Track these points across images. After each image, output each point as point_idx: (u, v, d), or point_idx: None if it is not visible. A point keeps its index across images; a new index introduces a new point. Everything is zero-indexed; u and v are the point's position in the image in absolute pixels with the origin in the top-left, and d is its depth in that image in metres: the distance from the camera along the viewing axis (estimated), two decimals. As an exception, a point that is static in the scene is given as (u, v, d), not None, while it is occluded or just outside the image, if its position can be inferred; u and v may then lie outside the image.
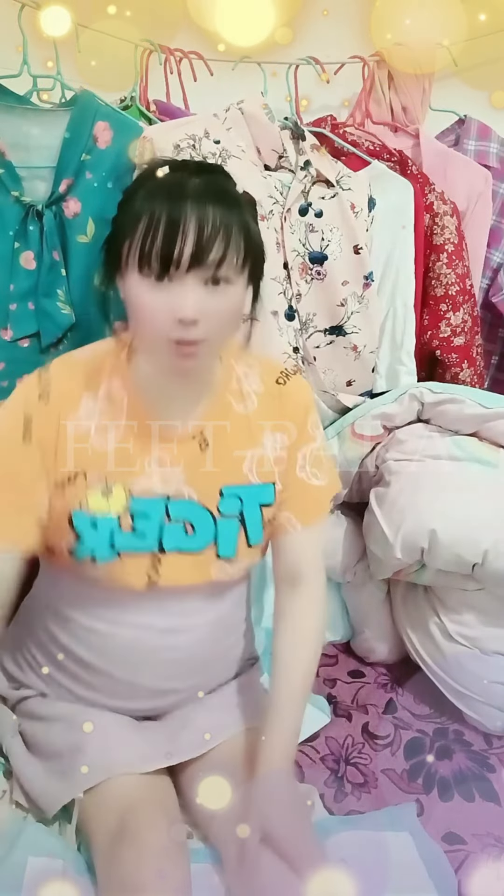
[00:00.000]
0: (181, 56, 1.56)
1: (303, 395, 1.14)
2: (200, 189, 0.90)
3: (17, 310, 1.37)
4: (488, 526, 1.32)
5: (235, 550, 1.07)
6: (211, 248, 0.90)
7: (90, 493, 1.01)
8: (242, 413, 1.09)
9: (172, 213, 0.88)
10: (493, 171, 1.73)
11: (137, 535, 1.02)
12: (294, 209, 1.45)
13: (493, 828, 1.17)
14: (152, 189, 0.91)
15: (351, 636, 1.63)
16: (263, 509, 1.08)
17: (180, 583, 1.06)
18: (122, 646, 1.07)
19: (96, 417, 1.02)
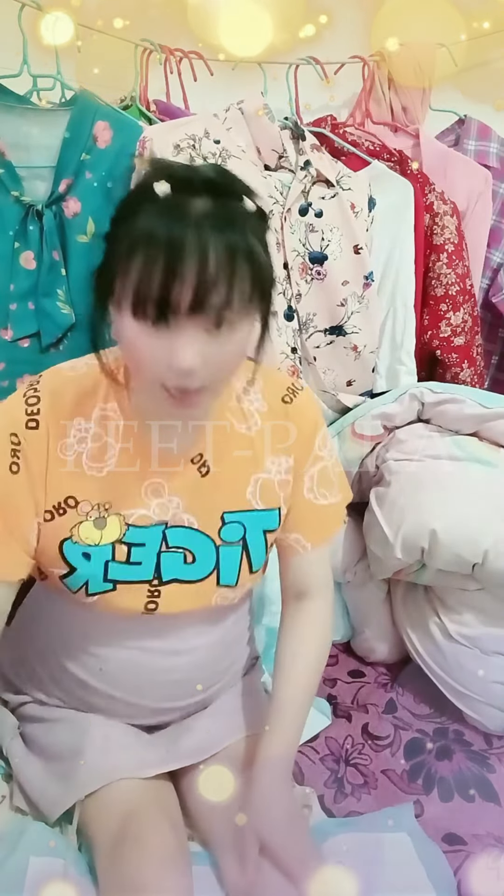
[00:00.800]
0: (181, 56, 1.56)
1: (310, 414, 1.07)
2: (203, 221, 0.77)
3: (17, 310, 1.37)
4: (488, 526, 1.32)
5: (237, 578, 1.02)
6: (213, 295, 0.79)
7: (83, 524, 0.96)
8: (245, 435, 1.02)
9: (171, 255, 0.76)
10: (493, 171, 1.73)
11: (133, 565, 0.97)
12: (294, 209, 1.45)
13: (493, 828, 1.17)
14: (150, 219, 0.78)
15: (351, 636, 1.63)
16: (267, 535, 1.04)
17: (179, 610, 1.02)
18: (121, 668, 1.05)
19: (89, 442, 0.96)
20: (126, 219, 0.80)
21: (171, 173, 0.79)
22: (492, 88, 1.75)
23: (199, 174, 0.79)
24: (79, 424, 0.95)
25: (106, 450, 0.96)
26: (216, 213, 0.78)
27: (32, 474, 0.94)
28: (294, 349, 1.46)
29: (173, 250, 0.76)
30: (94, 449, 0.96)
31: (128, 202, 0.83)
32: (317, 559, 1.11)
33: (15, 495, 0.94)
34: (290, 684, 1.07)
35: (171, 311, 0.79)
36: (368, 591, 1.57)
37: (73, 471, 0.95)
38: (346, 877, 0.96)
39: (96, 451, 0.96)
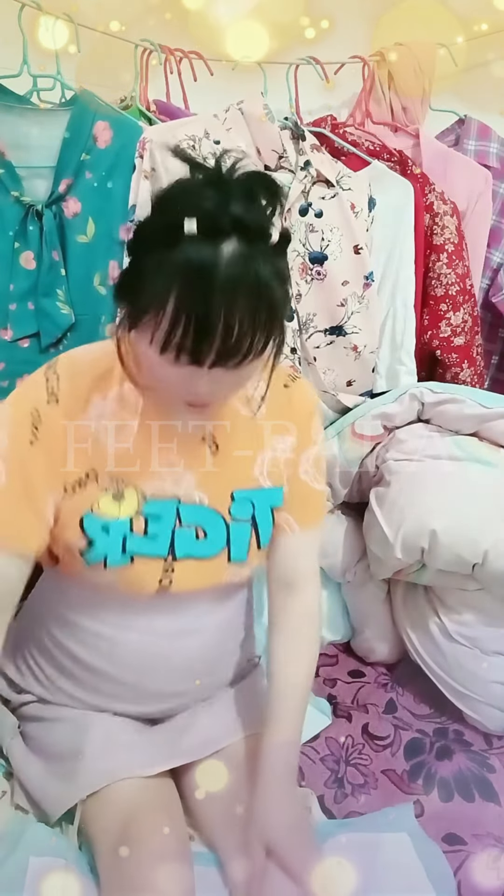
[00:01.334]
0: (181, 56, 1.56)
1: (308, 398, 1.13)
2: (233, 281, 0.80)
3: (17, 310, 1.37)
4: (488, 526, 1.32)
5: (247, 554, 1.05)
6: (238, 350, 0.83)
7: (102, 496, 0.99)
8: (250, 417, 1.06)
9: (201, 320, 0.80)
10: (493, 171, 1.73)
11: (150, 538, 1.00)
12: (294, 209, 1.45)
13: (493, 828, 1.17)
14: (181, 268, 0.80)
15: (351, 636, 1.63)
16: (275, 512, 1.07)
17: (192, 587, 1.04)
18: (130, 650, 1.06)
19: (107, 418, 0.99)
20: (156, 249, 0.82)
21: (201, 207, 0.80)
22: (492, 89, 1.74)
23: (228, 213, 0.80)
24: (97, 402, 0.99)
25: (123, 426, 1.00)
26: (244, 271, 0.80)
27: (51, 449, 0.97)
28: (293, 349, 1.46)
29: (204, 316, 0.80)
30: (112, 426, 1.00)
31: (155, 226, 0.84)
32: (304, 545, 1.13)
33: (31, 467, 0.96)
34: (287, 685, 1.09)
35: (197, 364, 0.84)
36: (368, 591, 1.57)
37: (92, 446, 0.99)
38: (347, 875, 0.96)
39: (114, 428, 1.00)
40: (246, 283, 0.81)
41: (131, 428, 1.00)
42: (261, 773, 1.02)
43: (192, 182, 0.84)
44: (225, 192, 0.81)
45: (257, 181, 0.83)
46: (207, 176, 0.83)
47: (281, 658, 1.10)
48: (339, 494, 1.56)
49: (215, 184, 0.81)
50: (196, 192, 0.81)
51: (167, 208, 0.83)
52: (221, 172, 0.82)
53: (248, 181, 0.82)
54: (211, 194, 0.81)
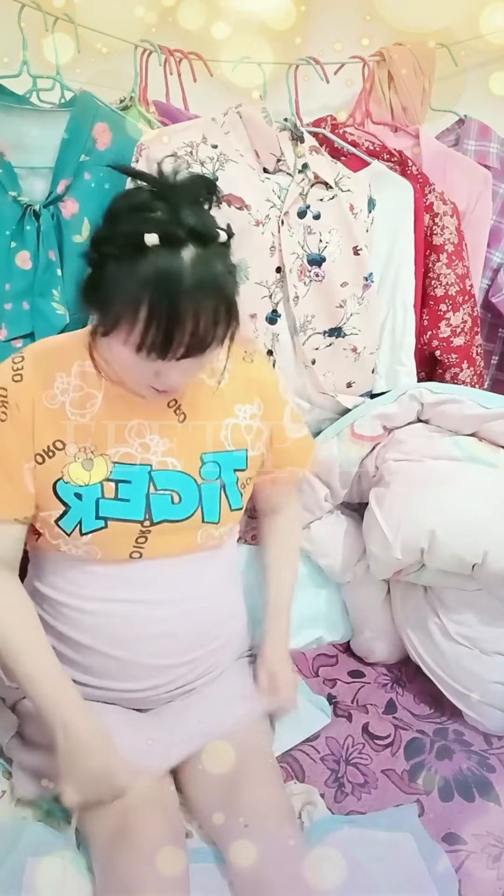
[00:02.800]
0: (181, 57, 1.56)
1: (268, 368, 1.30)
2: (196, 284, 0.91)
3: (12, 309, 1.37)
4: (488, 526, 1.32)
5: (219, 515, 1.15)
6: (203, 344, 0.96)
7: (71, 465, 1.07)
8: (215, 387, 1.17)
9: (170, 320, 0.91)
10: (493, 171, 1.73)
11: (123, 502, 1.07)
12: (292, 212, 1.44)
13: (493, 828, 1.17)
14: (146, 276, 0.90)
15: (351, 636, 1.63)
16: (238, 473, 1.17)
17: (167, 552, 1.11)
18: (114, 623, 1.11)
19: (71, 392, 1.08)
20: (120, 260, 0.92)
21: (157, 220, 0.91)
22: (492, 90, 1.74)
23: (182, 224, 0.91)
24: (61, 378, 1.08)
25: (88, 398, 1.09)
26: (204, 272, 0.92)
27: (19, 423, 1.06)
28: (270, 352, 1.46)
29: (175, 318, 0.91)
30: (77, 398, 1.08)
31: (115, 239, 0.93)
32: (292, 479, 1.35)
33: (8, 443, 1.06)
34: (280, 589, 1.31)
35: (167, 358, 0.95)
36: (368, 591, 1.57)
37: (59, 417, 1.07)
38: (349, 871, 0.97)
39: (79, 400, 1.08)
40: (207, 284, 0.93)
41: (96, 399, 1.09)
42: (267, 656, 1.24)
43: (142, 194, 0.94)
44: (174, 202, 0.92)
45: (199, 185, 0.96)
46: (156, 187, 0.94)
47: (273, 567, 1.33)
48: (339, 494, 1.56)
49: (164, 195, 0.93)
50: (148, 205, 0.92)
51: (123, 221, 0.93)
52: (167, 182, 0.94)
53: (192, 187, 0.95)
54: (162, 206, 0.92)
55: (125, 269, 0.91)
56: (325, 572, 1.59)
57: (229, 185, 1.36)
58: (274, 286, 1.44)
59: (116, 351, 0.98)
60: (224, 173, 1.36)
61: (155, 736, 1.11)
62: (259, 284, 1.42)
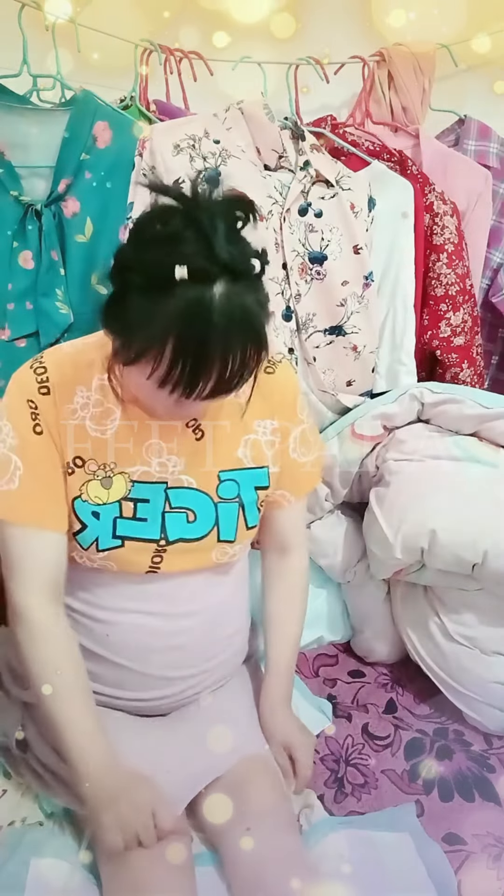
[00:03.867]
0: (181, 56, 1.56)
1: (290, 381, 1.18)
2: (228, 319, 0.84)
3: (15, 309, 1.37)
4: (488, 526, 1.32)
5: (235, 534, 1.11)
6: (233, 386, 0.90)
7: (90, 482, 1.04)
8: (234, 402, 1.10)
9: (198, 358, 0.85)
10: (493, 171, 1.73)
11: (140, 522, 1.05)
12: (294, 209, 1.45)
13: (493, 828, 1.17)
14: (175, 312, 0.83)
15: (351, 636, 1.63)
16: (259, 492, 1.13)
17: (182, 568, 1.09)
18: (126, 633, 1.09)
19: (91, 408, 1.04)
20: (146, 290, 0.84)
21: (188, 254, 0.82)
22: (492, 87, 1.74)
23: (215, 259, 0.82)
24: (81, 392, 1.04)
25: (108, 414, 1.05)
26: (234, 308, 0.84)
27: (52, 435, 1.03)
28: (291, 349, 1.45)
29: (202, 357, 0.85)
30: (97, 413, 1.04)
31: (142, 265, 0.85)
32: (297, 513, 1.26)
33: (47, 454, 1.03)
34: (284, 637, 1.23)
35: (192, 398, 0.89)
36: (368, 591, 1.57)
37: (79, 433, 1.04)
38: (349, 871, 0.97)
39: (98, 415, 1.05)
40: (237, 321, 0.85)
41: (115, 415, 1.05)
42: (266, 709, 1.19)
43: (172, 219, 0.84)
44: (207, 231, 0.82)
45: (234, 206, 0.85)
46: (188, 210, 0.84)
47: (276, 613, 1.24)
48: (339, 494, 1.56)
49: (197, 221, 0.83)
50: (178, 235, 0.83)
51: (152, 249, 0.84)
52: (201, 205, 0.84)
53: (226, 210, 0.84)
54: (193, 236, 0.82)
55: (151, 302, 0.84)
56: (325, 572, 1.59)
57: (231, 180, 1.36)
58: (283, 283, 1.44)
59: (136, 380, 0.93)
60: (226, 169, 1.36)
61: (171, 768, 1.08)
62: (272, 280, 1.42)
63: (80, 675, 1.04)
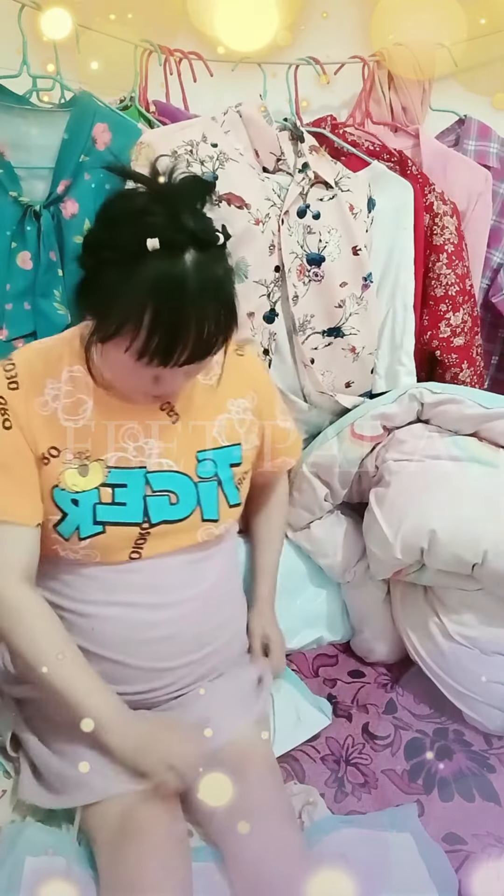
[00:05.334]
0: (181, 57, 1.56)
1: (259, 362, 1.30)
2: (200, 290, 0.91)
3: (13, 310, 1.37)
4: (488, 526, 1.32)
5: (218, 512, 1.15)
6: (209, 350, 0.96)
7: (67, 471, 1.06)
8: (207, 384, 1.17)
9: (176, 325, 0.91)
10: (493, 171, 1.73)
11: (119, 506, 1.07)
12: (292, 211, 1.45)
13: (493, 828, 1.17)
14: (150, 282, 0.89)
15: (351, 636, 1.63)
16: (233, 469, 1.17)
17: (165, 549, 1.11)
18: (110, 626, 1.10)
19: (62, 399, 1.07)
20: (119, 265, 0.91)
21: (157, 225, 0.89)
22: (492, 90, 1.74)
23: (183, 228, 0.90)
24: (51, 384, 1.07)
25: (80, 404, 1.08)
26: (206, 276, 0.92)
27: (22, 428, 1.05)
28: (266, 351, 1.46)
29: (179, 324, 0.91)
30: (68, 404, 1.07)
31: (112, 242, 0.92)
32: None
33: (16, 448, 1.05)
34: (269, 550, 1.39)
35: (170, 365, 0.95)
36: (368, 591, 1.57)
37: (51, 424, 1.06)
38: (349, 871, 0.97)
39: (70, 406, 1.07)
40: (210, 289, 0.92)
41: (87, 404, 1.08)
42: (256, 608, 1.33)
43: (139, 197, 0.92)
44: (173, 206, 0.91)
45: (196, 187, 0.94)
46: (153, 190, 0.93)
47: (260, 524, 1.41)
48: (339, 494, 1.56)
49: (162, 198, 0.91)
50: (147, 209, 0.91)
51: (122, 226, 0.91)
52: (165, 185, 0.93)
53: (189, 189, 0.93)
54: (161, 210, 0.90)
55: (125, 276, 0.90)
56: (325, 572, 1.59)
57: (229, 183, 1.36)
58: (273, 285, 1.44)
59: (113, 357, 0.98)
60: (224, 172, 1.36)
61: None
62: (258, 283, 1.41)
63: (68, 641, 1.05)
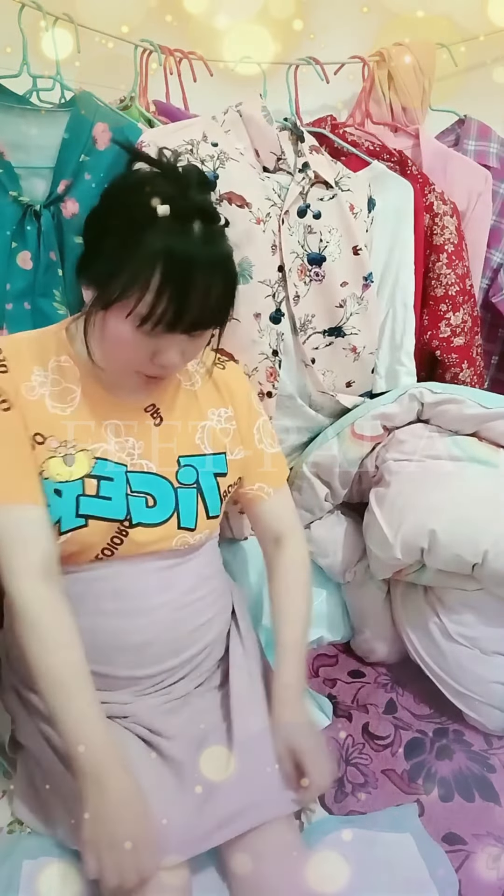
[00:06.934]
0: (181, 56, 1.56)
1: (241, 376, 1.27)
2: (208, 254, 0.94)
3: (14, 309, 1.36)
4: (488, 526, 1.32)
5: (195, 522, 1.11)
6: (213, 319, 0.99)
7: (52, 459, 1.04)
8: (189, 390, 1.18)
9: (183, 291, 0.92)
10: (493, 171, 1.73)
11: (103, 499, 1.04)
12: (292, 211, 1.44)
13: (493, 828, 1.17)
14: (159, 246, 0.91)
15: (351, 636, 1.63)
16: (218, 479, 1.14)
17: (138, 551, 1.07)
18: (85, 636, 1.01)
19: (48, 386, 1.06)
20: (127, 233, 0.92)
21: (167, 194, 0.92)
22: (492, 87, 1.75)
23: (190, 200, 0.94)
24: (38, 371, 1.06)
25: (68, 392, 1.07)
26: (213, 247, 0.95)
27: (19, 408, 1.03)
28: (275, 352, 1.45)
29: (187, 288, 0.92)
30: (55, 392, 1.06)
31: (120, 212, 0.95)
32: (281, 501, 1.26)
33: (15, 430, 1.03)
34: (290, 624, 1.17)
35: (174, 330, 0.95)
36: (368, 591, 1.57)
37: (38, 410, 1.04)
38: (350, 871, 0.97)
39: (57, 394, 1.06)
40: (217, 258, 0.96)
41: (75, 394, 1.07)
42: (278, 700, 1.10)
43: (145, 174, 0.96)
44: (180, 181, 0.95)
45: (201, 174, 0.98)
46: (160, 168, 0.97)
47: (283, 603, 1.19)
48: (339, 494, 1.56)
49: (171, 174, 0.96)
50: (154, 182, 0.94)
51: (131, 194, 0.94)
52: (172, 165, 0.97)
53: (195, 172, 0.97)
54: (168, 183, 0.94)
55: (134, 239, 0.91)
56: (325, 572, 1.59)
57: (230, 183, 1.36)
58: (276, 285, 1.44)
59: (112, 327, 0.96)
60: (225, 171, 1.36)
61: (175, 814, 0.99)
62: (262, 283, 1.41)
63: (77, 655, 0.98)
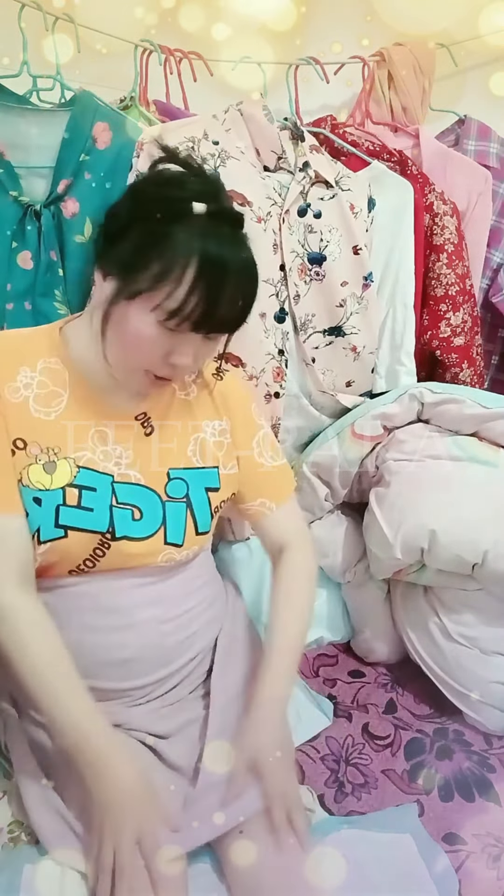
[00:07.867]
0: (181, 56, 1.56)
1: (240, 386, 1.21)
2: (242, 256, 0.94)
3: (14, 309, 1.36)
4: (488, 526, 1.32)
5: (183, 537, 1.07)
6: (237, 319, 0.97)
7: (32, 466, 1.00)
8: (185, 400, 1.13)
9: (215, 292, 0.91)
10: (493, 171, 1.73)
11: (85, 510, 1.00)
12: (293, 210, 1.45)
13: (493, 828, 1.17)
14: (196, 242, 0.90)
15: (351, 636, 1.63)
16: (210, 494, 1.10)
17: (122, 565, 1.04)
18: (72, 652, 1.00)
19: (34, 389, 1.02)
20: (162, 221, 0.91)
21: (201, 192, 0.93)
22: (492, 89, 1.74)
23: (221, 202, 0.95)
24: (24, 372, 1.02)
25: (54, 396, 1.03)
26: (243, 250, 0.96)
27: None
28: (281, 351, 1.45)
29: (220, 287, 0.91)
30: (42, 395, 1.02)
31: (149, 207, 0.93)
32: (286, 515, 1.21)
33: None
34: (283, 633, 1.13)
35: (198, 330, 0.94)
36: (368, 591, 1.57)
37: (21, 413, 1.00)
38: (349, 871, 0.97)
39: (44, 397, 1.02)
40: (247, 263, 0.95)
41: (62, 398, 1.03)
42: (255, 708, 1.05)
43: (176, 173, 0.96)
44: (211, 185, 0.96)
45: (221, 181, 1.00)
46: (192, 170, 0.97)
47: (279, 610, 1.15)
48: (339, 494, 1.56)
49: (201, 177, 0.96)
50: (187, 182, 0.94)
51: (164, 187, 0.94)
52: (201, 168, 0.98)
53: (220, 179, 0.99)
54: (200, 184, 0.94)
55: (169, 229, 0.90)
56: (325, 572, 1.59)
57: (231, 181, 1.35)
58: (279, 284, 1.44)
59: (134, 319, 0.93)
60: (225, 170, 1.36)
61: None
62: (266, 283, 1.41)
63: (62, 656, 0.97)
